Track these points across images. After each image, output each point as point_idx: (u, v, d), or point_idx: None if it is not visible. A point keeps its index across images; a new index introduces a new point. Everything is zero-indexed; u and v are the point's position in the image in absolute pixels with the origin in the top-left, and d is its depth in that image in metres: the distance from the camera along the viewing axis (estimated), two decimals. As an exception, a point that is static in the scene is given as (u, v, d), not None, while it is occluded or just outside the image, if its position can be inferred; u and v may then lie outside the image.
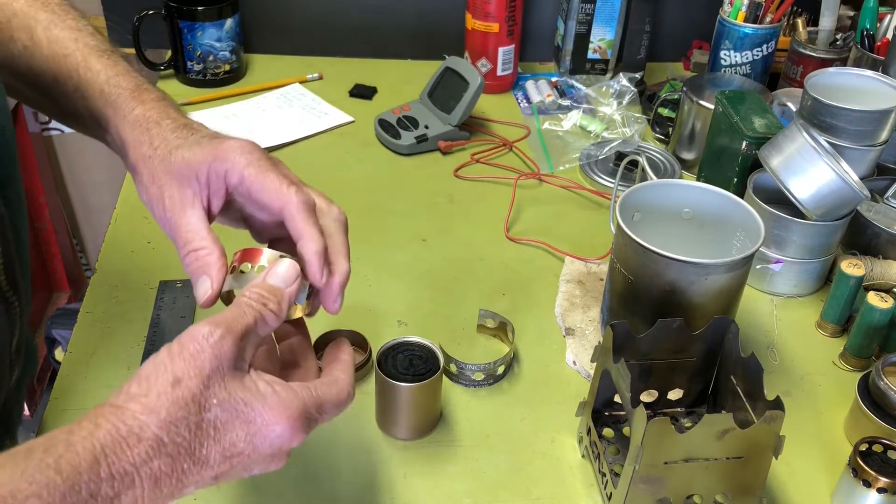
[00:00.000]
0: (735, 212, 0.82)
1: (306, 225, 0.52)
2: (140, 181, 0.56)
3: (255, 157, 0.53)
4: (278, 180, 0.52)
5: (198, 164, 0.53)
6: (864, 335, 0.84)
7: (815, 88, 0.97)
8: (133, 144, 0.56)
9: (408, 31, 1.41)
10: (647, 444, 0.62)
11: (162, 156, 0.55)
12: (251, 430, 0.45)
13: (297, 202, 0.52)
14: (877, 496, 0.68)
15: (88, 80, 0.59)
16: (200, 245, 0.53)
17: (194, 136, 0.55)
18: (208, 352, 0.45)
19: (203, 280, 0.53)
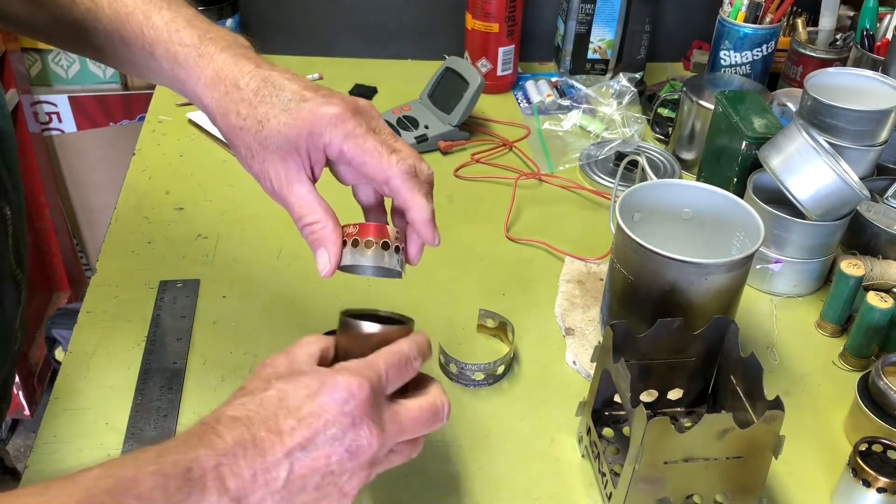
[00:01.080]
0: (735, 212, 0.82)
1: (412, 195, 0.54)
2: (238, 154, 0.57)
3: (350, 128, 0.53)
4: (378, 151, 0.53)
5: (294, 137, 0.53)
6: (863, 335, 0.84)
7: (815, 88, 0.97)
8: (219, 113, 0.56)
9: (408, 31, 1.41)
10: (646, 443, 0.62)
11: (254, 129, 0.54)
12: (311, 389, 0.48)
13: (399, 173, 0.54)
14: (876, 496, 0.68)
15: (153, 41, 0.57)
16: (315, 219, 0.55)
17: (279, 98, 0.54)
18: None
19: (321, 253, 0.56)
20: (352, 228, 0.56)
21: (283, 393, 0.48)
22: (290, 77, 0.55)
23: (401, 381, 0.52)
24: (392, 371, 0.51)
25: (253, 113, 0.54)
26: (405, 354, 0.53)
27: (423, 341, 0.55)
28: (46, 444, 0.74)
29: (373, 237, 0.56)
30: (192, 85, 0.56)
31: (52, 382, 0.81)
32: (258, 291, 0.92)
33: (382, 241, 0.56)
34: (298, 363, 0.51)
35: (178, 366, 0.82)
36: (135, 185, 1.09)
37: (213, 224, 1.02)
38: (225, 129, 0.56)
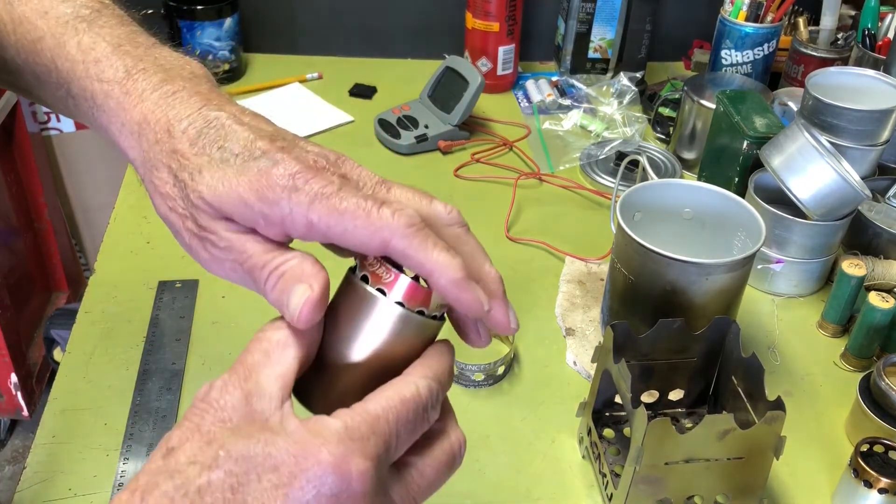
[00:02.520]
0: (736, 212, 0.82)
1: (428, 254, 0.37)
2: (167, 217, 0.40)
3: (317, 186, 0.37)
4: (362, 208, 0.36)
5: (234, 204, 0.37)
6: (865, 335, 0.84)
7: (817, 88, 0.97)
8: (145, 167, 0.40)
9: (408, 31, 1.40)
10: (647, 444, 0.62)
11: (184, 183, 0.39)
12: (281, 476, 0.32)
13: (400, 229, 0.37)
14: (878, 497, 0.68)
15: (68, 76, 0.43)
16: (284, 258, 0.38)
17: (221, 150, 0.38)
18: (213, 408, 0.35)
19: (296, 288, 0.37)
20: (383, 272, 0.39)
21: (235, 479, 0.32)
22: (245, 120, 0.40)
23: (413, 441, 0.37)
24: (403, 433, 0.36)
25: (186, 166, 0.38)
26: (423, 403, 0.37)
27: (445, 369, 0.39)
28: (45, 445, 0.74)
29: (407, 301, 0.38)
30: (113, 132, 0.42)
31: (51, 383, 0.81)
32: (257, 291, 0.92)
33: (417, 309, 0.39)
34: (260, 403, 0.35)
35: (178, 366, 0.81)
36: (134, 185, 1.08)
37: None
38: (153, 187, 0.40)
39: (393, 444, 0.35)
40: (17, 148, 1.66)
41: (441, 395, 0.38)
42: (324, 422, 0.34)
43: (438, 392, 0.38)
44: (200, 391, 0.36)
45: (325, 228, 0.37)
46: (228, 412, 0.34)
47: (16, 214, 1.69)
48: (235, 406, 0.35)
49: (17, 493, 0.70)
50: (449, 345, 0.41)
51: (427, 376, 0.38)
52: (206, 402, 0.35)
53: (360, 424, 0.34)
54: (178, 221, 0.40)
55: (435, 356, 0.39)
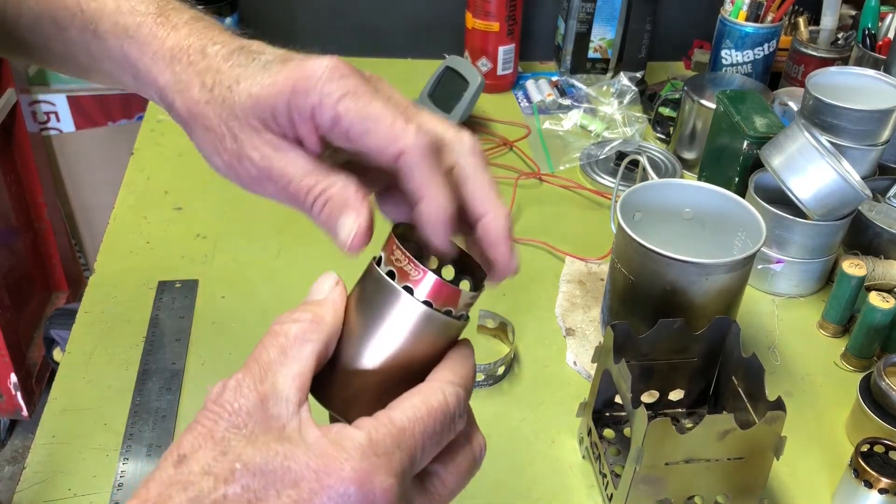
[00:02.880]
0: (736, 211, 0.82)
1: (431, 183, 0.37)
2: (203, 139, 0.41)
3: (351, 84, 0.37)
4: (389, 114, 0.37)
5: (272, 99, 0.38)
6: (865, 335, 0.84)
7: (817, 88, 0.97)
8: (177, 89, 0.41)
9: (408, 31, 1.40)
10: (647, 444, 0.62)
11: (221, 97, 0.39)
12: (301, 491, 0.31)
13: (418, 147, 0.37)
14: (878, 497, 0.68)
15: (96, 15, 0.44)
16: (328, 183, 0.38)
17: (256, 61, 0.39)
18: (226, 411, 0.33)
19: (345, 217, 0.37)
20: (412, 269, 0.38)
21: (253, 494, 0.31)
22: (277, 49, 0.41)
23: (438, 451, 0.37)
24: (430, 445, 0.35)
25: (220, 79, 0.39)
26: (450, 413, 0.36)
27: (469, 374, 0.38)
28: (45, 445, 0.74)
29: (435, 300, 0.38)
30: (145, 62, 0.42)
31: (51, 383, 0.81)
32: (257, 292, 0.92)
33: (446, 308, 0.38)
34: (277, 407, 0.33)
35: (177, 366, 0.81)
36: (133, 185, 1.08)
37: (212, 224, 1.02)
38: (185, 108, 0.41)
39: (418, 457, 0.34)
40: (17, 148, 1.66)
41: (467, 401, 0.37)
42: (346, 432, 0.33)
43: (465, 400, 0.37)
44: (213, 392, 0.34)
45: (348, 125, 0.37)
46: (243, 417, 0.33)
47: (15, 214, 1.68)
48: (250, 411, 0.33)
49: (17, 493, 0.70)
50: (470, 345, 0.40)
51: (454, 382, 0.37)
52: (219, 405, 0.33)
53: (384, 437, 0.33)
54: (215, 143, 0.40)
55: (459, 359, 0.38)
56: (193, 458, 0.31)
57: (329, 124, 0.37)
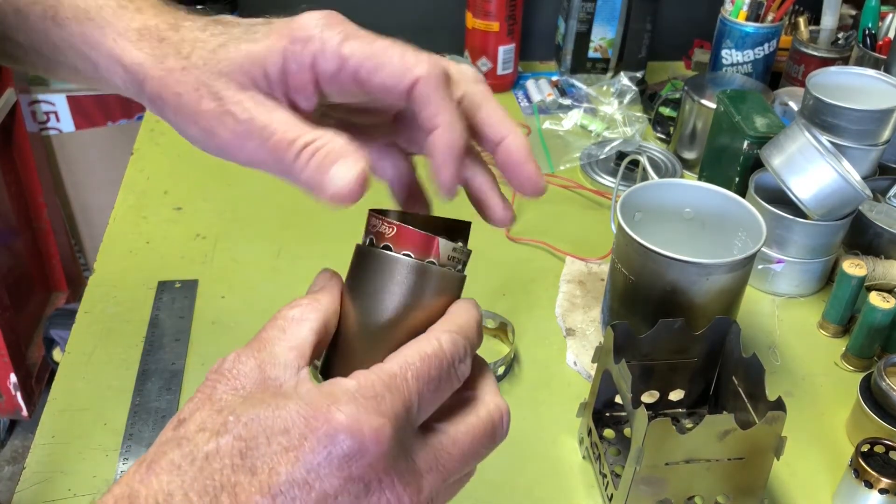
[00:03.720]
0: (736, 211, 0.82)
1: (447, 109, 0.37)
2: (178, 105, 0.38)
3: (350, 28, 0.37)
4: (397, 48, 0.37)
5: (265, 53, 0.36)
6: (865, 335, 0.84)
7: (817, 88, 0.97)
8: (148, 64, 0.39)
9: (408, 30, 1.39)
10: (648, 445, 0.62)
11: (202, 60, 0.37)
12: (291, 438, 0.30)
13: (434, 75, 0.36)
14: (878, 497, 0.67)
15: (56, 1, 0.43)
16: (313, 136, 0.36)
17: (237, 28, 0.38)
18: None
19: (339, 165, 0.35)
20: (385, 227, 0.37)
21: (244, 443, 0.30)
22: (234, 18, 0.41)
23: (439, 401, 0.35)
24: (427, 391, 0.34)
25: (201, 46, 0.38)
26: (447, 358, 0.35)
27: (470, 323, 0.37)
28: (45, 445, 0.73)
29: (415, 251, 0.37)
30: (108, 44, 0.40)
31: (51, 383, 0.81)
32: (257, 292, 0.92)
33: (427, 259, 0.37)
34: (275, 370, 0.34)
35: (177, 366, 0.81)
36: (133, 185, 1.08)
37: (211, 224, 1.02)
38: (158, 78, 0.38)
39: (414, 402, 0.33)
40: (17, 148, 1.66)
41: (469, 349, 0.36)
42: (337, 383, 0.32)
43: (465, 346, 0.36)
44: (213, 366, 0.34)
45: (357, 65, 0.36)
46: (241, 380, 0.33)
47: (15, 214, 1.68)
48: (248, 374, 0.33)
49: (17, 493, 0.70)
50: (473, 301, 0.39)
51: (450, 330, 0.35)
52: (218, 373, 0.34)
53: (374, 383, 0.32)
54: (192, 108, 0.38)
55: (458, 311, 0.37)
56: (191, 420, 0.32)
57: (334, 69, 0.36)
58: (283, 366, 0.34)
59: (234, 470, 0.30)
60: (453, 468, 0.35)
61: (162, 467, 0.30)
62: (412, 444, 0.33)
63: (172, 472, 0.30)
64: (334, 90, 0.38)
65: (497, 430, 0.37)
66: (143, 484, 0.30)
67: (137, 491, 0.29)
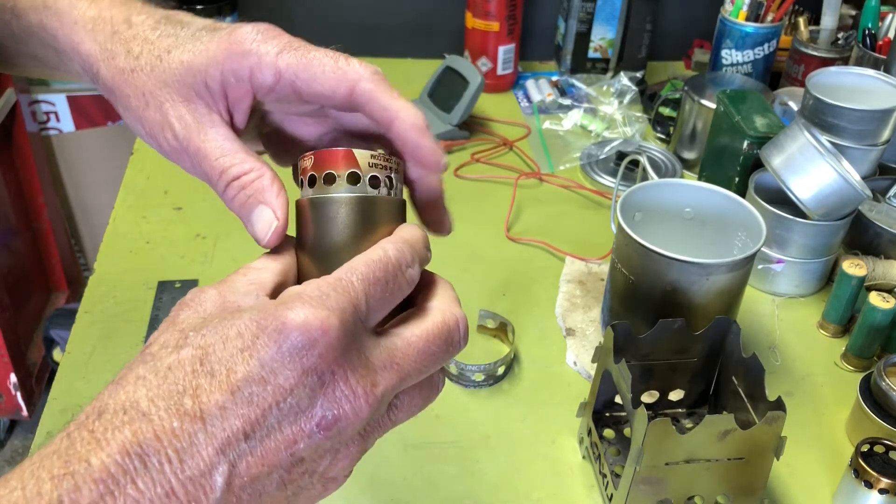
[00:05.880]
0: (736, 211, 0.82)
1: (394, 99, 0.39)
2: (127, 106, 0.41)
3: (285, 41, 0.39)
4: (329, 57, 0.39)
5: (204, 66, 0.39)
6: (865, 336, 0.84)
7: (817, 88, 0.97)
8: (101, 57, 0.41)
9: (408, 30, 1.40)
10: (648, 445, 0.62)
11: (150, 65, 0.40)
12: (244, 340, 0.32)
13: (369, 74, 0.39)
14: (878, 497, 0.67)
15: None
16: (241, 170, 0.39)
17: (186, 30, 0.40)
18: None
19: (260, 211, 0.38)
20: (306, 161, 0.38)
21: (202, 351, 0.32)
22: (203, 20, 0.42)
23: (390, 303, 0.36)
24: (374, 291, 0.35)
25: (149, 49, 0.40)
26: (393, 262, 0.36)
27: (416, 236, 0.38)
28: (45, 445, 0.73)
29: (336, 168, 0.37)
30: (65, 31, 0.42)
31: (51, 383, 0.81)
32: (257, 291, 0.92)
33: (350, 171, 0.38)
34: (234, 296, 0.35)
35: (177, 366, 0.81)
36: (133, 185, 1.08)
37: (211, 224, 1.02)
38: (110, 76, 0.41)
39: (361, 300, 0.34)
40: (17, 148, 1.66)
41: (416, 257, 0.37)
42: (286, 291, 0.34)
43: (412, 254, 0.37)
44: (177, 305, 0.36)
45: (293, 77, 0.38)
46: (203, 306, 0.35)
47: (15, 214, 1.68)
48: (209, 300, 0.35)
49: (16, 493, 0.70)
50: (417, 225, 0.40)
51: (395, 241, 0.37)
52: (182, 303, 0.35)
53: (319, 285, 0.34)
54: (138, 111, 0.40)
55: (403, 229, 0.38)
56: (155, 342, 0.34)
57: (271, 82, 0.39)
58: (242, 293, 0.35)
59: (195, 375, 0.31)
60: (409, 368, 0.35)
61: (128, 381, 0.32)
62: (365, 341, 0.34)
63: (138, 384, 0.31)
64: (273, 101, 0.41)
65: (453, 335, 0.37)
66: (111, 397, 0.31)
67: (106, 404, 0.31)
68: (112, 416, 0.30)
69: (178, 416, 0.30)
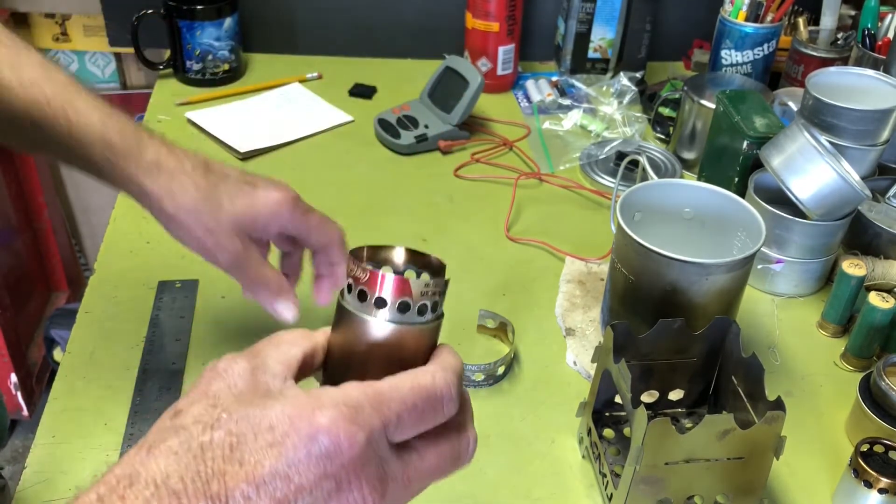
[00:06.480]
0: (736, 211, 0.82)
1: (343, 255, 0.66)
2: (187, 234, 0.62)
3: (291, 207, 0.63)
4: (319, 221, 0.64)
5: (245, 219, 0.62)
6: (865, 335, 0.84)
7: (817, 88, 0.97)
8: (166, 195, 0.61)
9: (408, 31, 1.40)
10: (647, 444, 0.62)
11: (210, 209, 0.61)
12: (276, 435, 0.34)
13: (339, 238, 0.66)
14: (878, 497, 0.68)
15: (81, 126, 0.59)
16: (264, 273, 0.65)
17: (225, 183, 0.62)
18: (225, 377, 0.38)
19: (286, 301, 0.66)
20: (359, 272, 0.39)
21: (235, 438, 0.34)
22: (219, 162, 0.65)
23: (421, 428, 0.38)
24: (411, 416, 0.37)
25: (206, 197, 0.61)
26: (437, 393, 0.38)
27: (459, 366, 0.40)
28: (45, 445, 0.74)
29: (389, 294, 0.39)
30: (130, 171, 0.61)
31: (51, 383, 0.81)
32: (257, 291, 0.92)
33: (402, 300, 0.39)
34: (265, 376, 0.37)
35: (177, 366, 0.81)
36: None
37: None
38: (175, 210, 0.61)
39: (392, 423, 0.36)
40: (17, 148, 1.66)
41: (459, 391, 0.39)
42: (325, 390, 0.36)
43: (456, 386, 0.39)
44: (209, 364, 0.38)
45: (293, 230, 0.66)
46: (234, 379, 0.37)
47: (15, 214, 1.68)
48: (241, 375, 0.37)
49: (17, 492, 0.70)
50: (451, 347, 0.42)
51: (445, 368, 0.39)
52: (213, 371, 0.38)
53: (359, 396, 0.36)
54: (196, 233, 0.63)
55: (446, 354, 0.41)
56: (187, 412, 0.36)
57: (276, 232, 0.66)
58: (272, 374, 0.38)
59: (225, 460, 0.33)
60: (417, 482, 0.38)
61: (161, 451, 0.34)
62: (386, 455, 0.36)
63: (170, 458, 0.33)
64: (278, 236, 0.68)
65: (462, 456, 0.41)
66: (143, 466, 0.33)
67: (138, 471, 0.33)
68: (143, 487, 0.33)
69: (204, 498, 0.33)
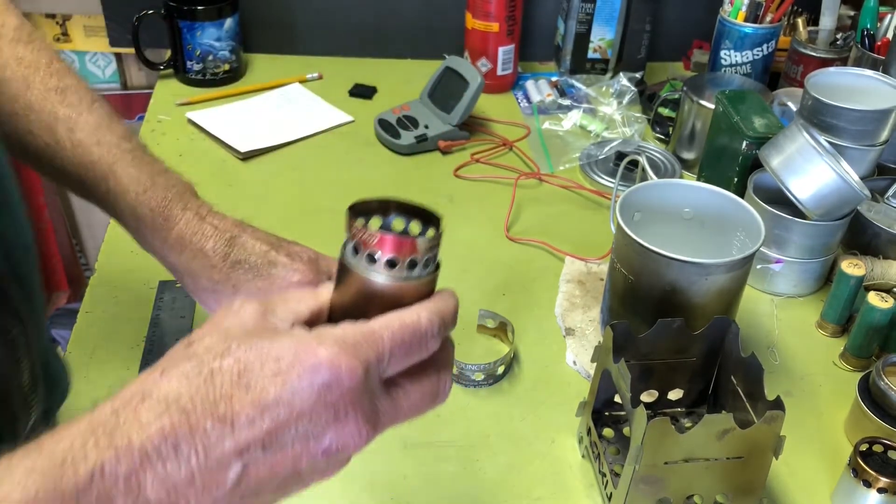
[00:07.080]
0: (735, 212, 0.82)
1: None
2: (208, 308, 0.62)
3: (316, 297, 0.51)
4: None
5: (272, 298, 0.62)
6: (864, 335, 0.84)
7: (816, 88, 0.97)
8: (187, 274, 0.60)
9: (408, 31, 1.40)
10: (647, 444, 0.62)
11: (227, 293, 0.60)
12: (281, 365, 0.36)
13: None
14: (877, 496, 0.68)
15: (118, 194, 0.61)
16: None
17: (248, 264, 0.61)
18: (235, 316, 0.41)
19: None
20: (367, 236, 0.41)
21: (243, 365, 0.36)
22: (249, 233, 0.62)
23: (407, 363, 0.41)
24: (399, 351, 0.39)
25: (225, 279, 0.59)
26: (421, 330, 0.40)
27: (448, 309, 0.42)
28: (45, 445, 0.74)
29: (397, 253, 0.41)
30: (156, 244, 0.61)
31: (51, 382, 0.81)
32: (258, 291, 0.92)
33: (410, 258, 0.41)
34: (274, 318, 0.40)
35: (178, 366, 0.81)
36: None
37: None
38: (195, 290, 0.61)
39: (385, 357, 0.39)
40: (18, 148, 1.66)
41: (443, 329, 0.42)
42: (326, 329, 0.39)
43: (440, 326, 0.41)
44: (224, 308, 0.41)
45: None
46: (245, 318, 0.39)
47: (16, 214, 1.68)
48: (251, 314, 0.40)
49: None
50: (453, 292, 0.44)
51: (430, 310, 0.41)
52: (227, 308, 0.40)
53: (356, 333, 0.39)
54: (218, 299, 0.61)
55: (439, 298, 0.43)
56: (200, 342, 0.38)
57: None
58: (280, 318, 0.40)
59: (232, 385, 0.36)
60: (401, 416, 0.41)
61: (173, 374, 0.36)
62: (377, 390, 0.39)
63: (182, 380, 0.36)
64: None
65: (441, 393, 0.43)
66: (155, 385, 0.36)
67: (150, 390, 0.36)
68: (156, 403, 0.35)
69: (211, 418, 0.35)
